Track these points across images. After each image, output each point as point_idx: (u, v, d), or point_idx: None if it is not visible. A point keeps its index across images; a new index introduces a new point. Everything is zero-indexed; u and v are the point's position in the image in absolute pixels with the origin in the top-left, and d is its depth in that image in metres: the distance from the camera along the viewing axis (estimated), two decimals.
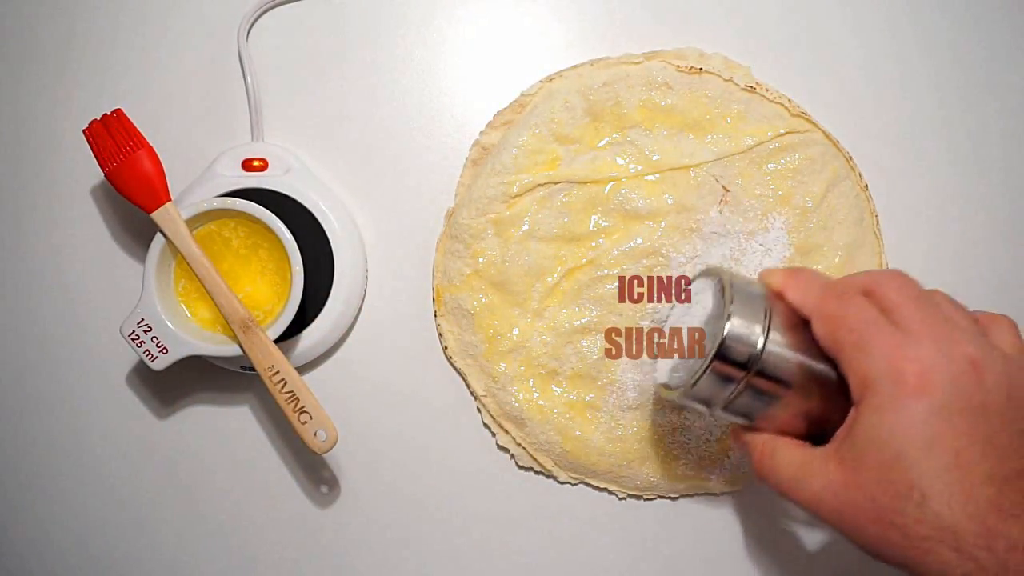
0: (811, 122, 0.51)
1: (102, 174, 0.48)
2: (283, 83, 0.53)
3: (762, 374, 0.39)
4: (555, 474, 0.52)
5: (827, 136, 0.51)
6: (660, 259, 0.50)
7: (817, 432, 0.39)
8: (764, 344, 0.38)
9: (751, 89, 0.50)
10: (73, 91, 0.54)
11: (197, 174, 0.51)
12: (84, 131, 0.48)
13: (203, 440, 0.53)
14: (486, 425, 0.53)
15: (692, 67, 0.50)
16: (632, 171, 0.50)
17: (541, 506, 0.53)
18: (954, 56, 0.54)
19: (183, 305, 0.49)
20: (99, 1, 0.54)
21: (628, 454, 0.51)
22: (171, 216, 0.47)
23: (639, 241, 0.50)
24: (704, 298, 0.42)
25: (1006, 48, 0.53)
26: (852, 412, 0.36)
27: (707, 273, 0.43)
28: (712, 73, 0.50)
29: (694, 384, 0.40)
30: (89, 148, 0.48)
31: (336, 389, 0.53)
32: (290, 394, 0.47)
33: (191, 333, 0.48)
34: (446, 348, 0.52)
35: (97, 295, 0.53)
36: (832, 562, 0.52)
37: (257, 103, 0.52)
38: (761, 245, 0.50)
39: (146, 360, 0.47)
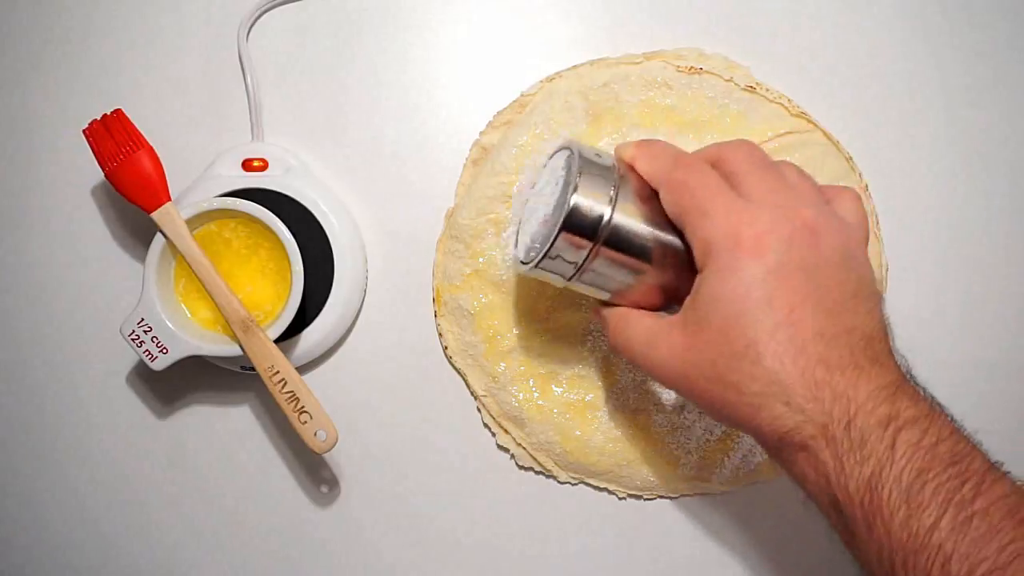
0: (811, 122, 0.51)
1: (102, 174, 0.48)
2: (283, 83, 0.53)
3: (612, 244, 0.39)
4: (555, 474, 0.52)
5: (827, 136, 0.51)
6: None
7: (672, 304, 0.40)
8: (612, 213, 0.38)
9: (751, 89, 0.50)
10: (73, 91, 0.54)
11: (197, 174, 0.51)
12: (84, 131, 0.48)
13: (203, 440, 0.53)
14: (486, 425, 0.53)
15: (692, 67, 0.50)
16: None
17: (541, 506, 0.53)
18: (954, 56, 0.54)
19: (183, 305, 0.49)
20: (99, 1, 0.54)
21: (628, 454, 0.51)
22: (171, 216, 0.47)
23: None
24: (558, 172, 0.42)
25: (1006, 48, 0.53)
26: (696, 280, 0.37)
27: (562, 147, 0.42)
28: (712, 73, 0.50)
29: (544, 254, 0.40)
30: (89, 148, 0.48)
31: (336, 389, 0.53)
32: (290, 394, 0.47)
33: (191, 333, 0.48)
34: (446, 348, 0.52)
35: (97, 295, 0.53)
36: (832, 562, 0.52)
37: (257, 103, 0.52)
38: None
39: (146, 360, 0.47)
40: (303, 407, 0.47)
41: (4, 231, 0.54)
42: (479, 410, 0.53)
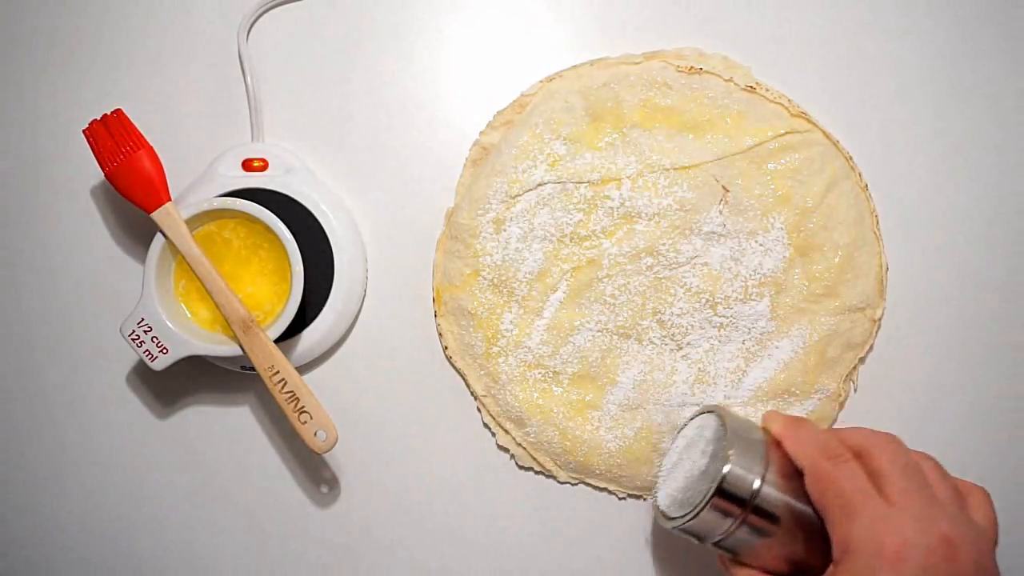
0: (811, 122, 0.51)
1: (102, 174, 0.48)
2: (283, 83, 0.53)
3: (755, 515, 0.41)
4: (555, 474, 0.52)
5: (827, 136, 0.51)
6: (660, 259, 0.50)
7: (796, 572, 0.42)
8: (760, 487, 0.41)
9: (751, 89, 0.50)
10: (73, 91, 0.54)
11: (197, 174, 0.51)
12: (84, 131, 0.48)
13: (203, 440, 0.53)
14: (486, 425, 0.53)
15: (692, 67, 0.50)
16: (632, 171, 0.50)
17: (541, 506, 0.53)
18: (954, 56, 0.53)
19: (183, 305, 0.49)
20: (99, 1, 0.54)
21: (628, 454, 0.51)
22: (171, 216, 0.47)
23: (639, 241, 0.50)
24: (704, 435, 0.44)
25: (1006, 48, 0.53)
26: (831, 569, 0.39)
27: (707, 411, 0.45)
28: (712, 73, 0.50)
29: (691, 518, 0.42)
30: (89, 148, 0.48)
31: (336, 389, 0.53)
32: (290, 394, 0.47)
33: (191, 333, 0.48)
34: (446, 348, 0.52)
35: (97, 295, 0.53)
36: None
37: (257, 103, 0.52)
38: (761, 245, 0.50)
39: (146, 360, 0.47)
40: (303, 407, 0.47)
41: (4, 231, 0.54)
42: (479, 410, 0.53)
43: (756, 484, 0.40)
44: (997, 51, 0.53)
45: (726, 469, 0.40)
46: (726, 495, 0.41)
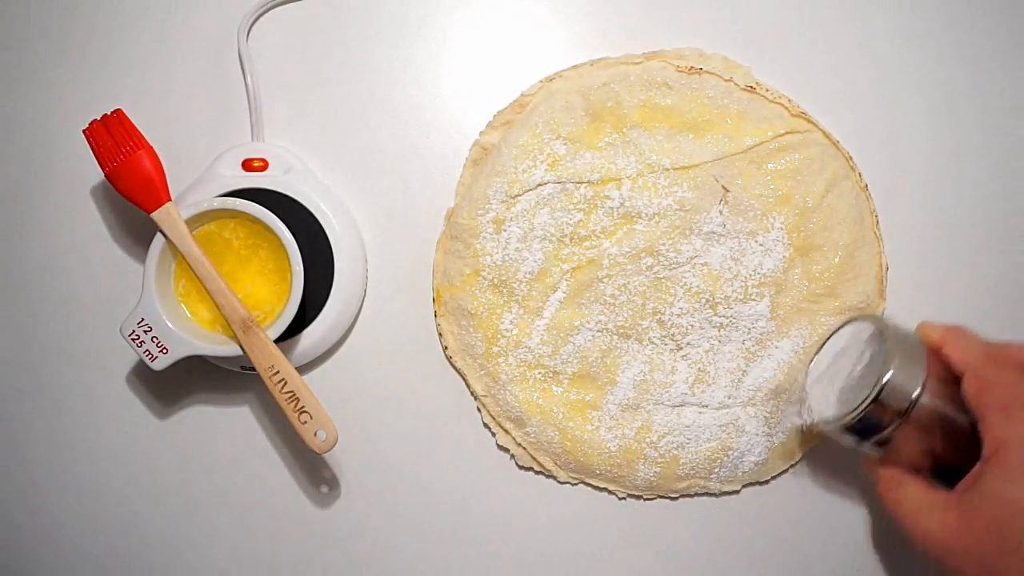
0: (811, 122, 0.51)
1: (102, 174, 0.48)
2: (283, 83, 0.53)
3: (911, 419, 0.42)
4: (555, 474, 0.52)
5: (827, 136, 0.51)
6: (660, 259, 0.50)
7: (936, 469, 0.43)
8: (920, 393, 0.42)
9: (751, 89, 0.50)
10: (73, 91, 0.54)
11: (197, 174, 0.51)
12: (84, 131, 0.48)
13: (203, 440, 0.53)
14: (486, 425, 0.53)
15: (692, 67, 0.50)
16: (632, 171, 0.50)
17: (541, 506, 0.53)
18: (954, 56, 0.53)
19: (183, 305, 0.49)
20: (99, 1, 0.54)
21: (628, 454, 0.51)
22: (171, 216, 0.47)
23: (639, 241, 0.50)
24: (861, 339, 0.45)
25: (1006, 48, 0.53)
26: (979, 466, 0.40)
27: (860, 319, 0.46)
28: (712, 73, 0.50)
29: (852, 419, 0.43)
30: (89, 148, 0.48)
31: (336, 389, 0.53)
32: (290, 394, 0.47)
33: (191, 333, 0.48)
34: (446, 348, 0.52)
35: (97, 295, 0.53)
36: (831, 562, 0.52)
37: (257, 103, 0.52)
38: (761, 245, 0.50)
39: (146, 360, 0.47)
40: (303, 407, 0.47)
41: (4, 231, 0.54)
42: (479, 410, 0.53)
43: (917, 390, 0.42)
44: (998, 51, 0.53)
45: (889, 375, 0.42)
46: (887, 400, 0.42)
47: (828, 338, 0.48)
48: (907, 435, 0.43)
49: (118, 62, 0.54)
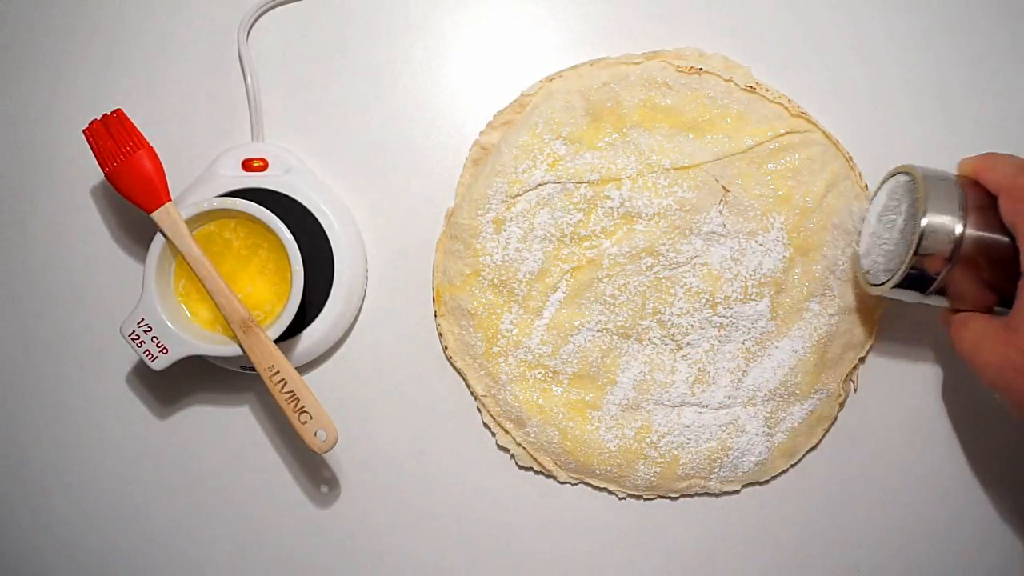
0: (811, 122, 0.51)
1: (102, 174, 0.48)
2: (283, 83, 0.53)
3: (962, 258, 0.42)
4: (555, 474, 0.52)
5: (827, 136, 0.51)
6: (660, 259, 0.50)
7: (1004, 302, 0.42)
8: (964, 231, 0.41)
9: (751, 89, 0.50)
10: (73, 91, 0.54)
11: (197, 174, 0.51)
12: (84, 131, 0.48)
13: (203, 440, 0.53)
14: (486, 425, 0.53)
15: (692, 67, 0.50)
16: (632, 171, 0.50)
17: (541, 506, 0.53)
18: (954, 56, 0.53)
19: (183, 305, 0.49)
20: (99, 1, 0.54)
21: (628, 454, 0.51)
22: (171, 216, 0.47)
23: (639, 241, 0.50)
24: (896, 197, 0.45)
25: (1006, 48, 0.53)
26: (1021, 282, 0.40)
27: (894, 173, 0.46)
28: (712, 73, 0.50)
29: (900, 278, 0.43)
30: (89, 148, 0.48)
31: (336, 389, 0.53)
32: (290, 394, 0.47)
33: (191, 333, 0.48)
34: (446, 348, 0.52)
35: (97, 295, 0.53)
36: (831, 562, 0.52)
37: (257, 103, 0.52)
38: (761, 245, 0.50)
39: (146, 360, 0.47)
40: (303, 407, 0.47)
41: (4, 231, 0.54)
42: (479, 410, 0.53)
43: (958, 229, 0.41)
44: (997, 52, 0.53)
45: (925, 222, 0.41)
46: (930, 247, 0.41)
47: (871, 202, 0.47)
48: (963, 275, 0.42)
49: (118, 62, 0.54)
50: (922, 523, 0.52)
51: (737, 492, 0.53)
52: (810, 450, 0.52)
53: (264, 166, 0.51)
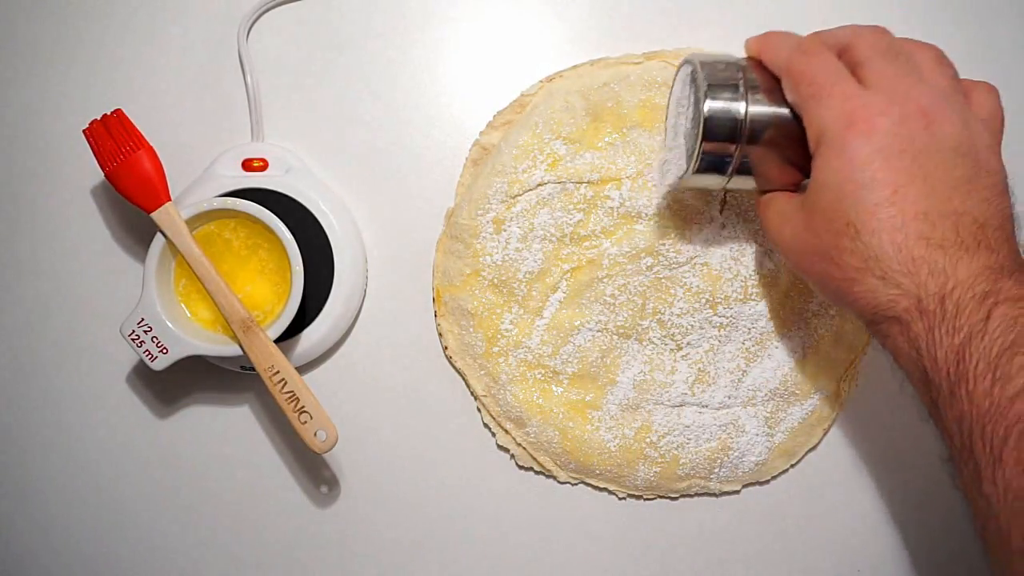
0: None
1: (102, 174, 0.48)
2: (283, 83, 0.53)
3: (751, 139, 0.41)
4: (555, 474, 0.52)
5: None
6: (660, 259, 0.50)
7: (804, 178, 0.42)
8: (746, 111, 0.40)
9: None
10: (73, 91, 0.54)
11: (197, 174, 0.51)
12: (84, 131, 0.48)
13: (203, 440, 0.53)
14: (486, 425, 0.53)
15: None
16: (632, 171, 0.50)
17: (541, 506, 0.53)
18: (954, 56, 0.53)
19: (183, 305, 0.49)
20: (99, 1, 0.54)
21: (628, 454, 0.51)
22: (171, 216, 0.47)
23: (639, 241, 0.50)
24: (685, 88, 0.44)
25: (1006, 48, 0.53)
26: (813, 163, 0.38)
27: (685, 62, 0.44)
28: None
29: (696, 167, 0.42)
30: (89, 148, 0.48)
31: (336, 389, 0.53)
32: (290, 394, 0.47)
33: (191, 333, 0.48)
34: (446, 348, 0.52)
35: (97, 295, 0.53)
36: (831, 562, 0.52)
37: (257, 103, 0.52)
38: (761, 245, 0.50)
39: (146, 360, 0.47)
40: (303, 407, 0.47)
41: (4, 231, 0.54)
42: (479, 410, 0.53)
43: (742, 110, 0.40)
44: (999, 51, 0.53)
45: (707, 106, 0.40)
46: (716, 130, 0.41)
47: (669, 99, 0.47)
48: (760, 155, 0.41)
49: (118, 62, 0.54)
50: (922, 523, 0.52)
51: (737, 492, 0.53)
52: (810, 450, 0.52)
53: (264, 166, 0.51)
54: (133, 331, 0.47)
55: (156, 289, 0.47)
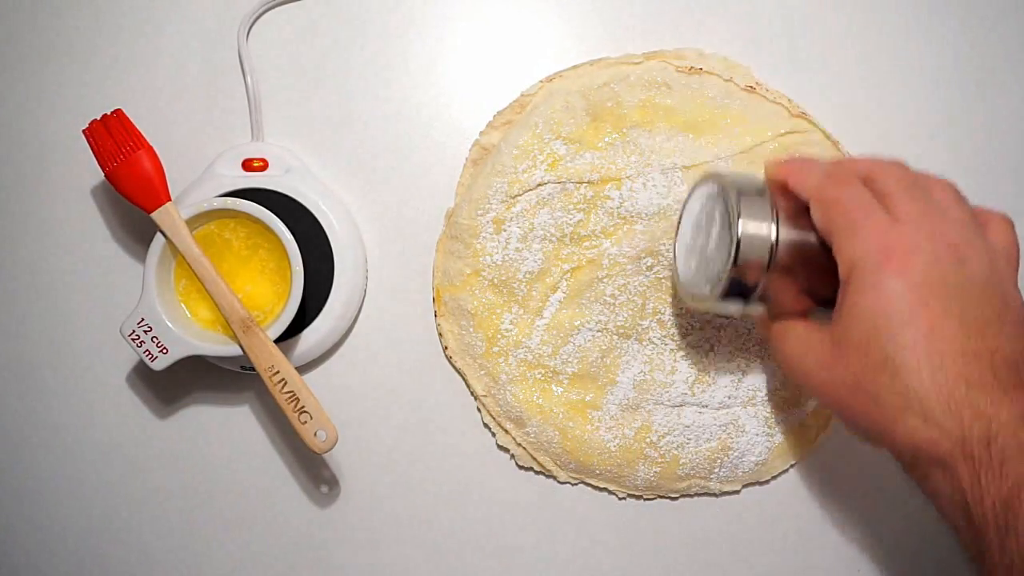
0: (811, 122, 0.51)
1: (102, 174, 0.48)
2: (283, 83, 0.53)
3: (778, 267, 0.40)
4: (555, 474, 0.52)
5: (827, 136, 0.51)
6: (660, 259, 0.50)
7: (820, 305, 0.41)
8: (776, 237, 0.40)
9: (751, 89, 0.50)
10: (73, 91, 0.54)
11: (197, 174, 0.51)
12: (84, 131, 0.48)
13: (203, 440, 0.53)
14: (486, 425, 0.53)
15: (692, 67, 0.50)
16: (632, 171, 0.50)
17: (541, 506, 0.53)
18: (955, 56, 0.53)
19: (183, 305, 0.49)
20: (100, 2, 0.54)
21: (628, 454, 0.51)
22: (171, 216, 0.47)
23: (639, 241, 0.50)
24: (707, 206, 0.44)
25: (1007, 48, 0.53)
26: (840, 292, 0.38)
27: (702, 181, 0.44)
28: (712, 73, 0.50)
29: (720, 291, 0.41)
30: (89, 148, 0.48)
31: (336, 389, 0.53)
32: (290, 394, 0.47)
33: (191, 333, 0.48)
34: (446, 348, 0.52)
35: (97, 295, 0.53)
36: (831, 562, 0.52)
37: (257, 103, 0.52)
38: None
39: (146, 360, 0.47)
40: (303, 407, 0.47)
41: (4, 231, 0.54)
42: (479, 410, 0.53)
43: (772, 237, 0.40)
44: (998, 51, 0.53)
45: (740, 232, 0.40)
46: (746, 257, 0.40)
47: (682, 212, 0.46)
48: (781, 283, 0.41)
49: (118, 62, 0.54)
50: (922, 523, 0.52)
51: (737, 492, 0.53)
52: (810, 450, 0.52)
53: (264, 166, 0.51)
54: (133, 331, 0.47)
55: (156, 289, 0.47)
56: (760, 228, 0.40)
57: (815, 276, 0.41)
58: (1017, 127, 0.53)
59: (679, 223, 0.46)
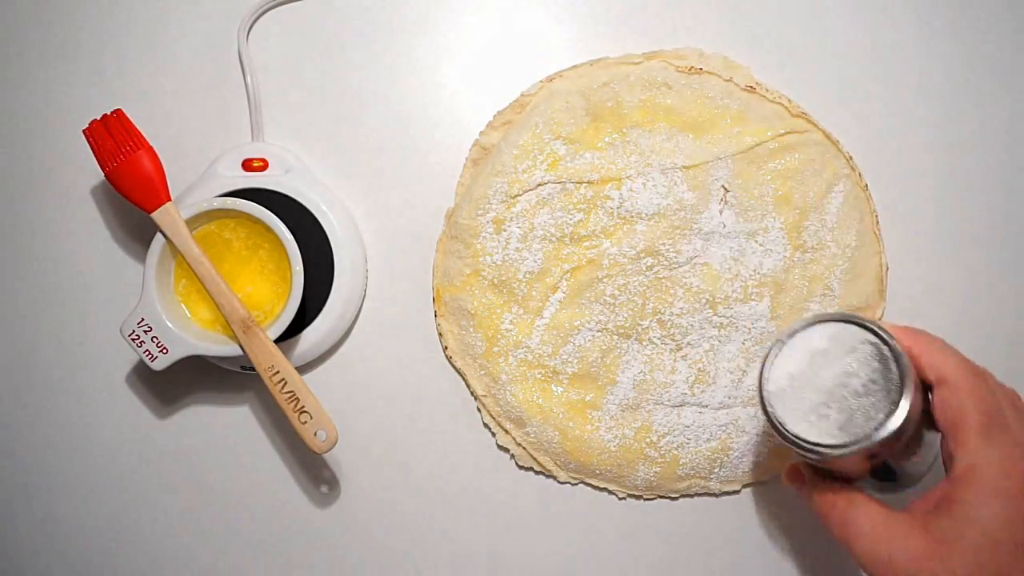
0: (811, 122, 0.51)
1: (102, 174, 0.48)
2: (283, 83, 0.53)
3: (894, 441, 0.38)
4: (555, 474, 0.52)
5: (827, 136, 0.51)
6: (660, 259, 0.50)
7: (873, 477, 0.40)
8: (908, 412, 0.37)
9: (751, 89, 0.50)
10: (73, 91, 0.54)
11: (197, 174, 0.51)
12: (84, 131, 0.48)
13: (203, 440, 0.53)
14: (486, 425, 0.53)
15: (692, 67, 0.50)
16: (632, 171, 0.50)
17: (541, 506, 0.53)
18: (955, 56, 0.53)
19: (183, 305, 0.49)
20: (99, 1, 0.54)
21: (628, 454, 0.51)
22: (171, 216, 0.47)
23: (639, 241, 0.50)
24: (845, 349, 0.39)
25: (1007, 48, 0.53)
26: (946, 487, 0.37)
27: (848, 321, 0.39)
28: (712, 73, 0.50)
29: (851, 451, 0.37)
30: (89, 148, 0.48)
31: (336, 389, 0.53)
32: (290, 394, 0.47)
33: (191, 333, 0.48)
34: (446, 348, 0.52)
35: (97, 295, 0.53)
36: (831, 562, 0.52)
37: (257, 103, 0.52)
38: (761, 245, 0.50)
39: (146, 360, 0.47)
40: (303, 407, 0.47)
41: (4, 231, 0.54)
42: (479, 410, 0.53)
43: (904, 414, 0.37)
44: (999, 51, 0.53)
45: (906, 406, 0.36)
46: (901, 430, 0.37)
47: (795, 334, 0.40)
48: (880, 457, 0.38)
49: (118, 62, 0.54)
50: None
51: (737, 492, 0.53)
52: None
53: (264, 166, 0.51)
54: (133, 331, 0.47)
55: (156, 289, 0.47)
56: (912, 404, 0.37)
57: (900, 455, 0.39)
58: (1017, 127, 0.53)
59: (786, 346, 0.40)
